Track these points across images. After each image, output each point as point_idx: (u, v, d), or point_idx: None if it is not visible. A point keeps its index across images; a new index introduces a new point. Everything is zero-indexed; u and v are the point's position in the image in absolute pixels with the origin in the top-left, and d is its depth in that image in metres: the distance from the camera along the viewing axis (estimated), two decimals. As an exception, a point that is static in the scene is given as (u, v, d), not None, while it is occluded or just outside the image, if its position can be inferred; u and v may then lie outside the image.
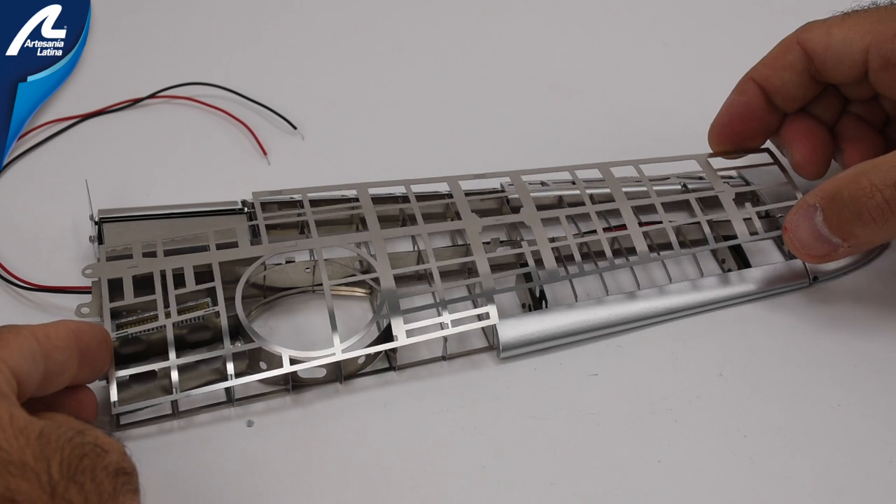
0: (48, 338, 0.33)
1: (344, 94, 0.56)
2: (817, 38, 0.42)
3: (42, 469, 0.28)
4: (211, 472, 0.36)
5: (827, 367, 0.43)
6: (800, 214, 0.42)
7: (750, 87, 0.45)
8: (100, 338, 0.36)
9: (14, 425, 0.28)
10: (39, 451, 0.28)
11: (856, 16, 0.42)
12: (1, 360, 0.31)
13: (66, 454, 0.29)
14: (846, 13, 0.43)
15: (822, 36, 0.42)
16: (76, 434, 0.30)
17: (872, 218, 0.40)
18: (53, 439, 0.29)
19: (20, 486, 0.27)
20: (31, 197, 0.48)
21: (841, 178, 0.41)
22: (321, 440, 0.39)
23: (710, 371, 0.42)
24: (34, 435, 0.28)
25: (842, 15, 0.43)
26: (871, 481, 0.39)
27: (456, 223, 0.45)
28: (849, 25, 0.42)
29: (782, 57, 0.44)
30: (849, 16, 0.42)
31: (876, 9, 0.42)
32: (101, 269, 0.41)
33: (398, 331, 0.41)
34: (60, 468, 0.28)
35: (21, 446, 0.28)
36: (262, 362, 0.40)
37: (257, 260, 0.42)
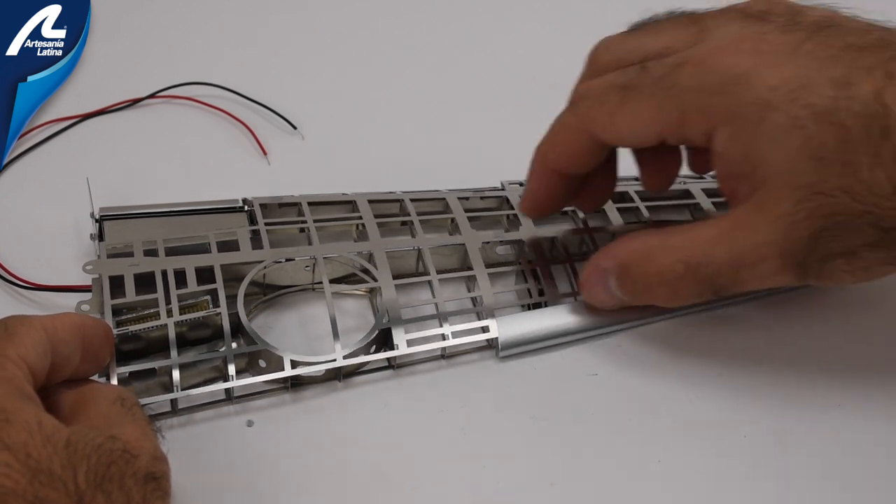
0: (55, 330, 0.33)
1: (344, 94, 0.56)
2: (603, 128, 0.39)
3: (69, 478, 0.28)
4: (210, 469, 0.36)
5: (827, 366, 0.43)
6: (594, 276, 0.41)
7: (550, 175, 0.42)
8: (102, 333, 0.36)
9: (42, 433, 0.28)
10: (67, 459, 0.28)
11: (635, 98, 0.38)
12: (20, 357, 0.31)
13: (93, 462, 0.29)
14: (620, 88, 0.38)
15: (607, 125, 0.39)
16: (106, 440, 0.30)
17: (662, 298, 0.39)
18: (80, 447, 0.29)
19: (48, 495, 0.27)
20: (31, 197, 0.48)
21: (631, 252, 0.40)
22: (320, 438, 0.39)
23: (710, 371, 0.42)
24: (61, 443, 0.28)
25: (619, 95, 0.38)
26: (871, 481, 0.39)
27: (456, 237, 0.45)
28: (630, 113, 0.38)
29: (574, 145, 0.41)
30: (627, 98, 0.38)
31: (651, 83, 0.38)
32: (101, 266, 0.41)
33: (399, 339, 0.41)
34: (87, 477, 0.28)
35: (49, 455, 0.28)
36: (262, 360, 0.40)
37: (259, 264, 0.42)
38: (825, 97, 0.34)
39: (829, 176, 0.34)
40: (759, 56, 0.36)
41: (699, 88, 0.36)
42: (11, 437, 0.28)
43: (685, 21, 0.39)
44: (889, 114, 0.34)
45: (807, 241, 0.35)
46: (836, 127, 0.34)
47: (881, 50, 0.35)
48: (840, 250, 0.36)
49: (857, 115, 0.34)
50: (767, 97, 0.35)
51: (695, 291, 0.38)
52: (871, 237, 0.35)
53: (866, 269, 0.36)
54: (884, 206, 0.34)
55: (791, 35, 0.36)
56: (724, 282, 0.37)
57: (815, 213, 0.35)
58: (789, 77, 0.35)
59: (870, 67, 0.35)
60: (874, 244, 0.35)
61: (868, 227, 0.35)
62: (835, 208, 0.35)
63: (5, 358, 0.31)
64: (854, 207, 0.34)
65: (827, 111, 0.34)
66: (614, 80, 0.38)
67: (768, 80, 0.35)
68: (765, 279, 0.37)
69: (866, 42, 0.35)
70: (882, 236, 0.35)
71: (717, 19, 0.38)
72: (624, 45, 0.40)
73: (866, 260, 0.36)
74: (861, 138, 0.34)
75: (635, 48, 0.39)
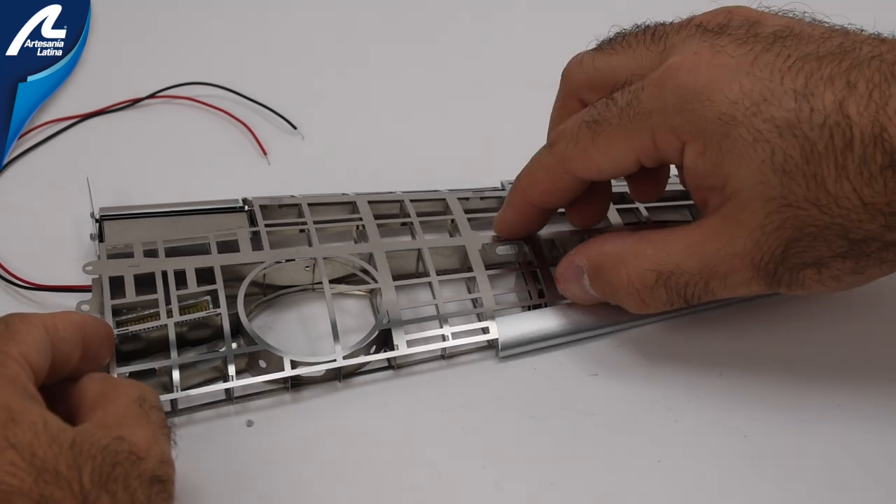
0: (56, 328, 0.33)
1: (344, 94, 0.56)
2: (583, 167, 0.39)
3: (74, 478, 0.28)
4: (210, 469, 0.36)
5: (827, 366, 0.43)
6: (569, 272, 0.41)
7: (530, 208, 0.43)
8: (103, 332, 0.36)
9: (48, 432, 0.28)
10: (72, 459, 0.28)
11: (605, 131, 0.38)
12: (21, 355, 0.31)
13: (98, 462, 0.29)
14: (590, 124, 0.38)
15: (584, 163, 0.39)
16: (112, 441, 0.30)
17: (632, 305, 0.40)
18: (86, 447, 0.29)
19: (53, 494, 0.27)
20: (31, 197, 0.48)
21: (604, 254, 0.40)
22: (320, 438, 0.39)
23: (710, 371, 0.42)
24: (67, 443, 0.29)
25: (590, 131, 0.38)
26: (871, 482, 0.39)
27: (456, 238, 0.45)
28: (604, 147, 0.38)
29: (555, 184, 0.41)
30: (598, 133, 0.38)
31: (618, 113, 0.38)
32: (101, 267, 0.41)
33: (399, 340, 0.41)
34: (92, 477, 0.28)
35: (54, 454, 0.28)
36: (262, 360, 0.40)
37: (259, 264, 0.42)
38: (787, 110, 0.34)
39: (797, 188, 0.34)
40: (717, 71, 0.36)
41: (663, 109, 0.36)
42: (17, 436, 0.28)
43: (649, 39, 0.39)
44: (851, 124, 0.34)
45: (777, 252, 0.36)
46: (799, 140, 0.34)
47: (841, 58, 0.35)
48: (810, 261, 0.36)
49: (820, 127, 0.34)
50: (729, 112, 0.35)
51: (665, 300, 0.38)
52: (839, 248, 0.35)
53: (836, 279, 0.37)
54: (851, 218, 0.34)
55: (749, 47, 0.36)
56: (695, 291, 0.38)
57: (785, 224, 0.35)
58: (750, 90, 0.35)
59: (830, 77, 0.34)
60: (843, 255, 0.35)
61: (836, 239, 0.35)
62: (804, 220, 0.35)
63: (7, 356, 0.31)
64: (822, 219, 0.35)
65: (789, 124, 0.34)
66: (584, 117, 0.39)
67: (729, 94, 0.35)
68: (735, 289, 0.37)
69: (825, 51, 0.35)
70: (850, 247, 0.35)
71: (679, 34, 0.38)
72: (594, 64, 0.40)
73: (835, 270, 0.36)
74: (825, 150, 0.34)
75: (604, 68, 0.40)
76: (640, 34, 0.39)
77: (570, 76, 0.41)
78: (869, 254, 0.35)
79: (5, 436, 0.28)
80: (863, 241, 0.35)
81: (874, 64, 0.34)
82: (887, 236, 0.35)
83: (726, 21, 0.37)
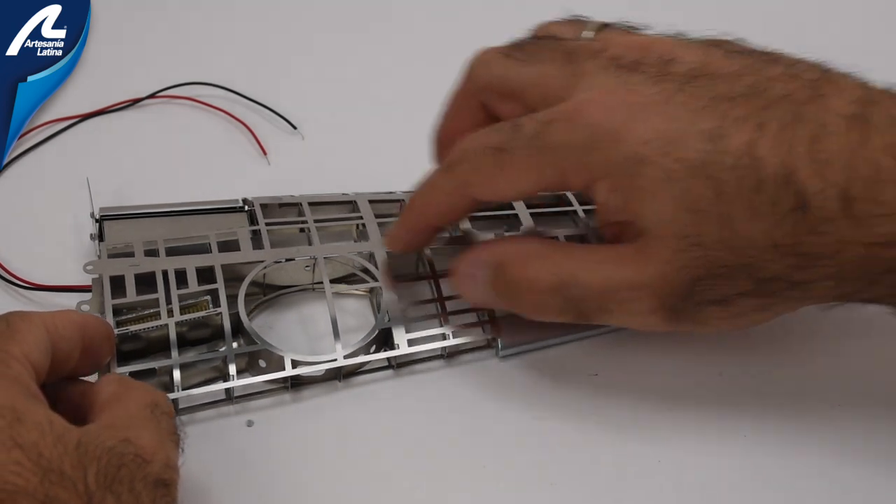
0: (55, 327, 0.33)
1: (344, 94, 0.56)
2: (483, 192, 0.38)
3: (79, 478, 0.28)
4: (210, 469, 0.36)
5: (827, 367, 0.43)
6: (470, 266, 0.40)
7: (426, 228, 0.41)
8: (103, 332, 0.36)
9: (54, 432, 0.28)
10: (77, 459, 0.28)
11: (512, 161, 0.37)
12: (23, 354, 0.31)
13: (103, 463, 0.29)
14: (495, 151, 0.37)
15: (486, 189, 0.38)
16: (118, 443, 0.30)
17: (526, 307, 0.39)
18: (91, 448, 0.29)
19: (59, 494, 0.27)
20: (31, 197, 0.48)
21: (512, 250, 0.39)
22: (320, 438, 0.39)
23: (710, 371, 0.42)
24: (72, 444, 0.29)
25: (494, 158, 0.37)
26: (871, 482, 0.39)
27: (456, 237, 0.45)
28: (508, 177, 0.37)
29: (454, 206, 0.40)
30: (503, 162, 0.37)
31: (526, 144, 0.37)
32: (101, 266, 0.41)
33: (399, 339, 0.41)
34: (97, 477, 0.28)
35: (60, 454, 0.28)
36: (262, 360, 0.40)
37: (259, 264, 0.42)
38: (698, 151, 0.34)
39: (708, 228, 0.34)
40: (629, 110, 0.35)
41: (573, 146, 0.36)
42: (23, 436, 0.28)
43: (561, 57, 0.38)
44: (761, 166, 0.34)
45: (683, 289, 0.35)
46: (710, 181, 0.34)
47: (752, 99, 0.35)
48: (715, 298, 0.36)
49: (730, 168, 0.34)
50: (641, 151, 0.35)
51: (559, 307, 0.38)
52: (745, 287, 0.35)
53: (740, 316, 0.36)
54: (760, 259, 0.34)
55: (662, 86, 0.36)
56: (590, 307, 0.37)
57: (695, 262, 0.35)
58: (662, 130, 0.35)
59: (741, 118, 0.34)
60: (748, 293, 0.35)
61: (743, 278, 0.35)
62: (713, 260, 0.35)
63: (10, 356, 0.31)
64: (732, 259, 0.34)
65: (700, 165, 0.34)
66: (488, 142, 0.37)
67: (641, 134, 0.35)
68: (633, 317, 0.37)
69: (737, 91, 0.35)
70: (756, 286, 0.35)
71: (592, 63, 0.37)
72: (500, 67, 0.39)
73: (740, 307, 0.36)
74: (736, 192, 0.34)
75: (512, 76, 0.39)
76: (554, 49, 0.39)
77: (476, 76, 0.40)
78: (775, 292, 0.35)
79: (11, 435, 0.28)
80: (770, 280, 0.35)
81: (784, 104, 0.34)
82: (794, 276, 0.35)
83: (640, 57, 0.37)
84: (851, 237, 0.33)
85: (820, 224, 0.33)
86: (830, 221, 0.33)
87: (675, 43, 0.38)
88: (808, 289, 0.35)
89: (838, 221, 0.33)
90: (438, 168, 0.40)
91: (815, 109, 0.34)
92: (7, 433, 0.28)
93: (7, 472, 0.27)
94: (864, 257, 0.34)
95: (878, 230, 0.33)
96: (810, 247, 0.34)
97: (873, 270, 0.34)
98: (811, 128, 0.34)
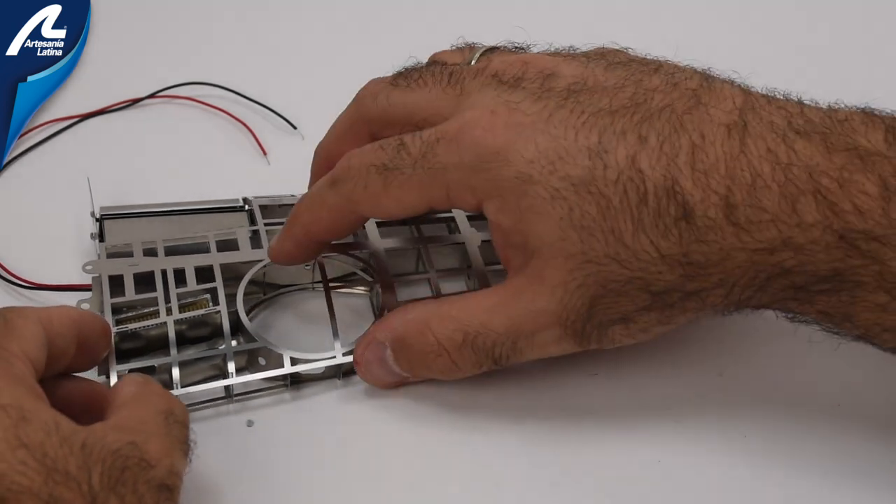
0: (51, 323, 0.33)
1: (344, 94, 0.55)
2: (369, 210, 0.38)
3: (84, 479, 0.28)
4: (209, 466, 0.36)
5: (827, 366, 0.43)
6: (370, 351, 0.40)
7: (311, 243, 0.41)
8: (99, 328, 0.36)
9: (59, 433, 0.29)
10: (82, 460, 0.28)
11: (398, 180, 0.37)
12: (22, 352, 0.31)
13: (107, 465, 0.29)
14: (381, 170, 0.37)
15: (372, 207, 0.38)
16: (124, 446, 0.30)
17: (440, 372, 0.39)
18: (96, 450, 0.29)
19: (63, 494, 0.27)
20: (31, 196, 0.48)
21: (408, 322, 0.39)
22: (320, 436, 0.39)
23: (710, 371, 0.42)
24: (78, 444, 0.29)
25: (381, 177, 0.37)
26: (871, 481, 0.39)
27: (455, 236, 0.45)
28: (395, 196, 0.37)
29: (339, 222, 0.39)
30: (389, 181, 0.37)
31: (412, 163, 0.37)
32: (101, 266, 0.41)
33: None
34: (101, 479, 0.28)
35: (65, 455, 0.28)
36: (262, 358, 0.40)
37: (259, 263, 0.42)
38: (581, 167, 0.34)
39: (597, 244, 0.35)
40: (512, 129, 0.36)
41: (459, 166, 0.36)
42: (29, 436, 0.28)
43: (445, 80, 0.38)
44: (644, 179, 0.34)
45: (583, 310, 0.36)
46: (595, 196, 0.34)
47: (633, 111, 0.35)
48: (616, 317, 0.36)
49: (613, 182, 0.34)
50: (526, 171, 0.35)
51: (473, 361, 0.38)
52: (643, 301, 0.35)
53: (644, 331, 0.37)
54: (651, 271, 0.35)
55: (544, 103, 0.36)
56: (503, 351, 0.37)
57: (588, 281, 0.35)
58: (545, 149, 0.35)
59: (622, 132, 0.35)
60: (647, 308, 0.36)
61: (639, 293, 0.35)
62: (606, 276, 0.35)
63: (11, 354, 0.31)
64: (624, 274, 0.35)
65: (584, 181, 0.34)
66: (374, 160, 0.37)
67: (524, 153, 0.35)
68: (544, 348, 0.37)
69: (618, 104, 0.35)
70: (653, 300, 0.35)
71: (475, 82, 0.38)
72: (388, 100, 0.39)
73: (642, 323, 0.36)
74: (621, 205, 0.34)
75: (398, 104, 0.39)
76: (437, 74, 0.39)
77: (362, 107, 0.41)
78: (672, 304, 0.36)
79: (17, 435, 0.28)
80: (664, 292, 0.35)
81: (664, 115, 0.35)
82: (687, 286, 0.35)
83: (521, 73, 0.37)
84: (736, 244, 0.34)
85: (705, 233, 0.34)
86: (715, 230, 0.34)
87: (556, 58, 0.38)
88: (703, 297, 0.35)
89: (723, 229, 0.34)
90: (323, 181, 0.39)
91: (695, 119, 0.35)
92: (13, 432, 0.28)
93: (12, 472, 0.27)
94: (749, 264, 0.34)
95: (759, 236, 0.34)
96: (698, 255, 0.34)
97: (759, 276, 0.35)
98: (691, 138, 0.34)
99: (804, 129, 0.34)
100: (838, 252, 0.33)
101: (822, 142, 0.34)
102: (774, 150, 0.34)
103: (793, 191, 0.33)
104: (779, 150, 0.34)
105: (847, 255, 0.33)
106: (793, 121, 0.34)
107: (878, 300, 0.34)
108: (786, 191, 0.33)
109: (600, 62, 0.38)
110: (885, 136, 0.34)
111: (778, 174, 0.33)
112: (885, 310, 0.34)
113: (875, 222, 0.33)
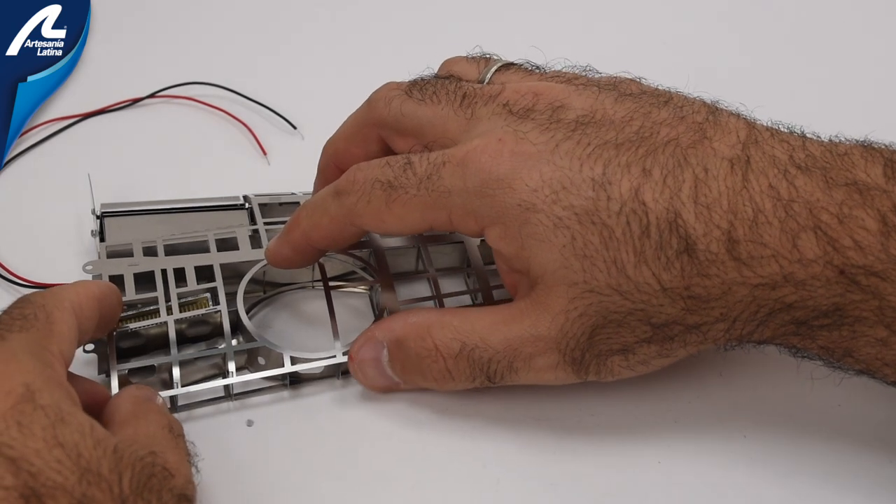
0: (81, 308, 0.34)
1: (344, 94, 0.55)
2: (371, 225, 0.38)
3: (115, 481, 0.28)
4: (209, 465, 0.36)
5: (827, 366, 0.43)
6: (366, 348, 0.39)
7: (310, 249, 0.41)
8: (116, 300, 0.37)
9: (94, 436, 0.29)
10: (114, 464, 0.29)
11: (401, 199, 0.37)
12: (61, 353, 0.32)
13: (136, 471, 0.29)
14: (385, 186, 0.37)
15: (375, 222, 0.38)
16: (147, 454, 0.30)
17: (434, 378, 0.39)
18: (126, 455, 0.29)
19: (95, 494, 0.28)
20: (31, 196, 0.48)
21: (410, 324, 0.39)
22: (319, 435, 0.39)
23: (710, 371, 0.42)
24: (110, 448, 0.29)
25: (385, 194, 0.37)
26: (871, 481, 0.39)
27: (455, 235, 0.45)
28: (397, 214, 0.38)
29: (340, 233, 0.40)
30: (393, 198, 0.37)
31: (417, 183, 0.37)
32: (101, 266, 0.41)
33: None
34: (131, 483, 0.29)
35: (98, 457, 0.29)
36: (261, 357, 0.40)
37: (259, 262, 0.42)
38: (585, 198, 0.35)
39: (598, 274, 0.35)
40: (518, 158, 0.36)
41: (463, 190, 0.36)
42: (66, 436, 0.28)
43: (458, 101, 0.39)
44: (647, 211, 0.34)
45: (583, 339, 0.36)
46: (598, 227, 0.35)
47: (638, 145, 0.35)
48: (616, 348, 0.36)
49: (616, 214, 0.34)
50: (530, 199, 0.35)
51: (468, 373, 0.38)
52: (644, 333, 0.36)
53: (643, 363, 0.37)
54: (652, 303, 0.35)
55: (551, 134, 0.36)
56: (498, 369, 0.37)
57: (589, 311, 0.35)
58: (550, 178, 0.35)
59: (627, 164, 0.35)
60: (648, 340, 0.36)
61: (640, 324, 0.35)
62: (608, 306, 0.35)
63: (52, 355, 0.31)
64: (625, 305, 0.35)
65: (588, 211, 0.35)
66: (380, 176, 0.38)
67: (529, 182, 0.35)
68: (540, 373, 0.37)
69: (624, 137, 0.36)
70: (654, 332, 0.36)
71: (486, 108, 0.38)
72: (402, 107, 0.40)
73: (642, 355, 0.36)
74: (623, 237, 0.34)
75: (410, 116, 0.39)
76: (451, 92, 0.39)
77: (375, 111, 0.41)
78: (673, 337, 0.36)
79: (55, 434, 0.28)
80: (665, 325, 0.35)
81: (669, 149, 0.35)
82: (688, 319, 0.35)
83: (532, 104, 0.37)
84: (737, 279, 0.34)
85: (707, 267, 0.34)
86: (717, 264, 0.34)
87: (567, 89, 0.38)
88: (704, 331, 0.36)
89: (725, 263, 0.34)
90: (328, 190, 0.39)
91: (699, 153, 0.35)
92: (51, 432, 0.28)
93: (48, 469, 0.27)
94: (751, 298, 0.34)
95: (761, 271, 0.34)
96: (699, 289, 0.34)
97: (761, 311, 0.35)
98: (694, 172, 0.35)
99: (805, 164, 0.34)
100: (839, 287, 0.33)
101: (822, 177, 0.34)
102: (776, 185, 0.34)
103: (793, 227, 0.33)
104: (780, 186, 0.34)
105: (847, 290, 0.33)
106: (794, 155, 0.35)
107: (879, 335, 0.34)
108: (787, 227, 0.33)
109: (611, 93, 0.38)
110: (884, 171, 0.34)
111: (779, 210, 0.34)
112: (885, 344, 0.34)
113: (874, 258, 0.33)
